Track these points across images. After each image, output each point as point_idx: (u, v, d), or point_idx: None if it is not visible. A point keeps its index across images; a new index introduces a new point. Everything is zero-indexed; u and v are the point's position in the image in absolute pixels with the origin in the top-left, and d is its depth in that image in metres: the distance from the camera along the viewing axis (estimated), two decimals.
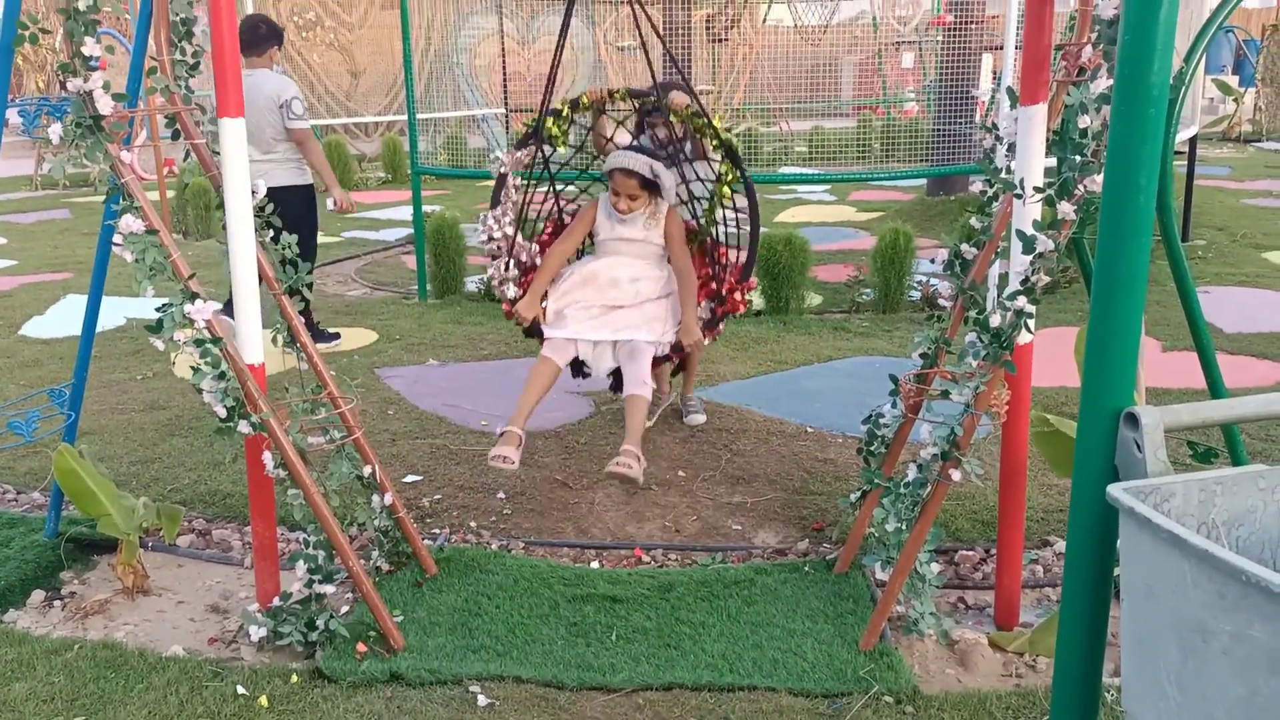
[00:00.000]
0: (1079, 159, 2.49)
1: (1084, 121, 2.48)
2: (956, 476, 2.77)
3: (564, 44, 3.71)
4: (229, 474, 4.21)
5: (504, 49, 9.89)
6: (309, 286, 3.16)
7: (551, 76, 3.80)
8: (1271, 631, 1.12)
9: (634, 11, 3.78)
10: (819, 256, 7.13)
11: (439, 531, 3.72)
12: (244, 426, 2.80)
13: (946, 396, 2.81)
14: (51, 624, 3.17)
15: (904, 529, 2.87)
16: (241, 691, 2.74)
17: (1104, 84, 2.45)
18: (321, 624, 2.91)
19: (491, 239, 3.88)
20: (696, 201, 4.17)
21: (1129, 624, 1.36)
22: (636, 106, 4.16)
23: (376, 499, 3.26)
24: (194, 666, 2.86)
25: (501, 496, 3.99)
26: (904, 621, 2.96)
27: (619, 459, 3.42)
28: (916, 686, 2.73)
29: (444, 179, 13.18)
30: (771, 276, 6.48)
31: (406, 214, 10.35)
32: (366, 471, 3.20)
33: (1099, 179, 2.47)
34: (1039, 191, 2.59)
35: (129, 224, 2.69)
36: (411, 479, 4.17)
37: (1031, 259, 2.57)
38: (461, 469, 4.24)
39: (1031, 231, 2.56)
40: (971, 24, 9.13)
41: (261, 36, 5.79)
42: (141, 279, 2.69)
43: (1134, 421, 1.41)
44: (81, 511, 3.33)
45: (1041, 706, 2.64)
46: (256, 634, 2.93)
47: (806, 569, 3.35)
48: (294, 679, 2.80)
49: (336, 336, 6.24)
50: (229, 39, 2.72)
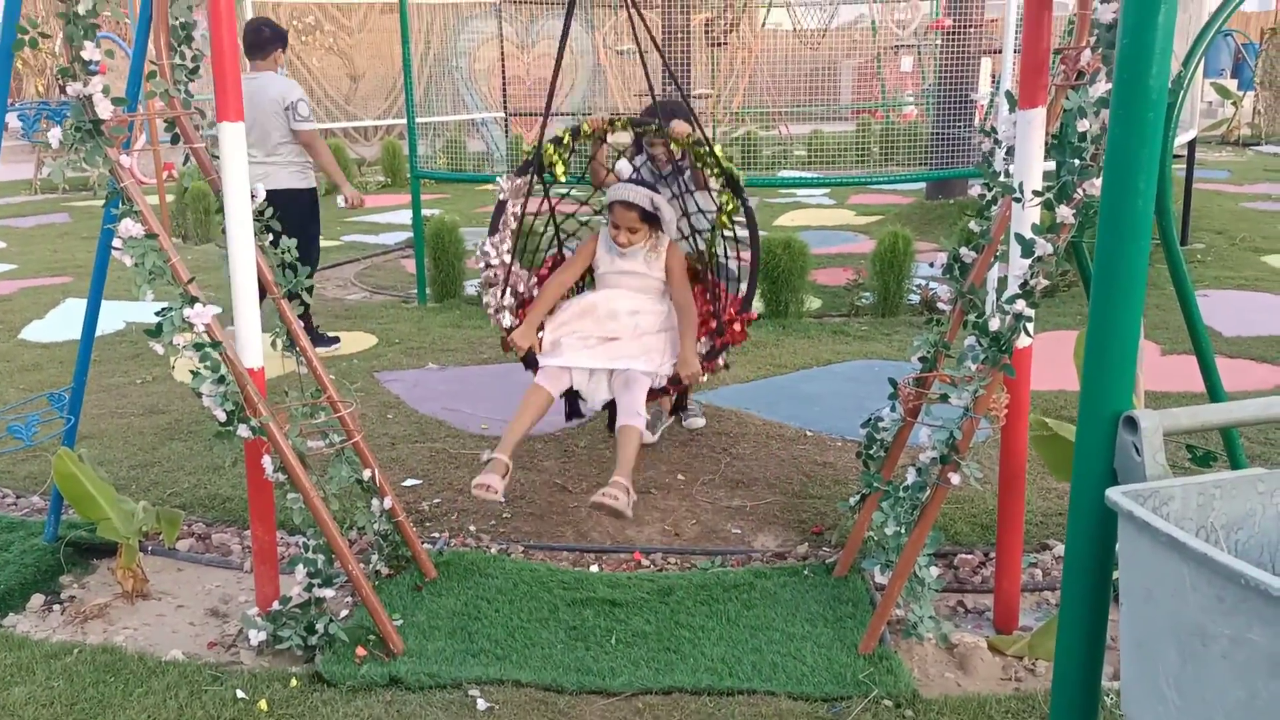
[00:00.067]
0: (1078, 163, 2.49)
1: (1083, 125, 2.48)
2: (955, 480, 2.77)
3: (564, 50, 3.69)
4: (228, 478, 4.21)
5: (503, 53, 9.90)
6: (309, 290, 3.16)
7: (553, 86, 3.79)
8: (1270, 635, 1.12)
9: (631, 18, 3.78)
10: (818, 260, 7.13)
11: (438, 535, 3.72)
12: (243, 430, 2.80)
13: (945, 400, 2.81)
14: (51, 628, 3.17)
15: (903, 532, 2.87)
16: (241, 695, 2.73)
17: (1103, 88, 2.46)
18: (321, 628, 2.91)
19: (489, 266, 3.78)
20: (698, 235, 4.06)
21: (1128, 627, 1.36)
22: (638, 134, 4.10)
23: (376, 503, 3.26)
24: (193, 671, 2.86)
25: (501, 500, 3.99)
26: (903, 625, 2.96)
27: (606, 490, 3.28)
28: (916, 690, 2.73)
29: (443, 183, 13.18)
30: (771, 280, 6.48)
31: (406, 218, 10.35)
32: (366, 475, 3.20)
33: (1098, 183, 2.47)
34: (1038, 195, 2.59)
35: (128, 228, 2.69)
36: (411, 483, 4.17)
37: (1030, 262, 2.58)
38: (461, 473, 4.24)
39: (1030, 235, 2.56)
40: (970, 28, 9.13)
41: (265, 40, 5.82)
42: (141, 283, 2.69)
43: (1133, 425, 1.41)
44: (81, 515, 3.33)
45: (1041, 710, 2.63)
46: (256, 638, 2.93)
47: (806, 572, 3.35)
48: (293, 683, 2.80)
49: (336, 340, 6.24)
50: (228, 43, 2.72)
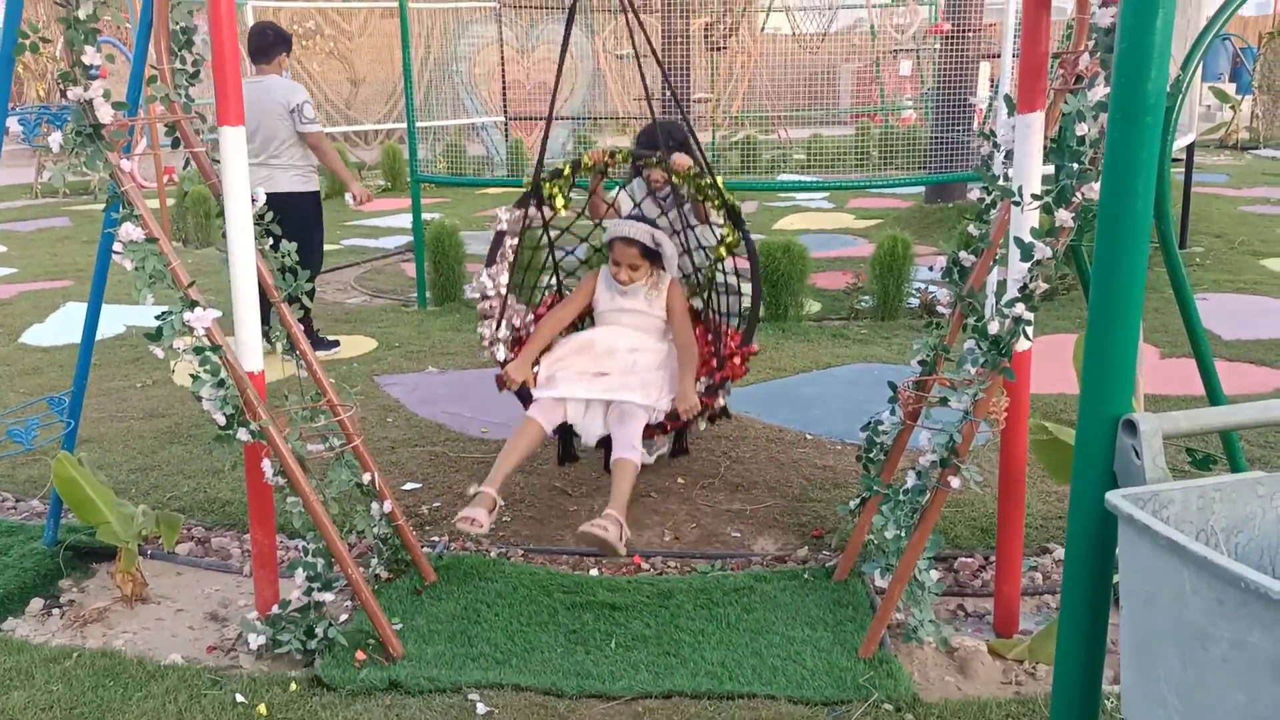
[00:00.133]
0: (1077, 166, 2.49)
1: (1081, 129, 2.48)
2: (955, 483, 2.77)
3: (565, 56, 3.69)
4: (228, 481, 4.21)
5: (503, 57, 9.92)
6: (309, 294, 3.16)
7: (555, 92, 3.79)
8: (1271, 639, 1.12)
9: (629, 24, 3.77)
10: (818, 264, 7.14)
11: (438, 539, 3.72)
12: (243, 434, 2.80)
13: (945, 403, 2.81)
14: (50, 632, 3.16)
15: (903, 536, 2.87)
16: (240, 699, 2.73)
17: (1101, 92, 2.46)
18: (320, 632, 2.90)
19: (485, 297, 3.74)
20: (698, 273, 4.00)
21: (1128, 631, 1.36)
22: (638, 166, 4.07)
23: (376, 506, 3.26)
24: (193, 675, 2.85)
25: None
26: (903, 629, 2.96)
27: (598, 520, 3.19)
28: (916, 694, 2.72)
29: (443, 187, 13.19)
30: (770, 284, 6.48)
31: (406, 221, 10.35)
32: (366, 479, 3.19)
33: (1097, 186, 2.47)
34: (1037, 199, 2.59)
35: (129, 232, 2.69)
36: (411, 486, 4.17)
37: (1030, 266, 2.58)
38: (461, 476, 4.23)
39: (1029, 239, 2.56)
40: (969, 32, 9.15)
41: (270, 43, 5.85)
42: (141, 287, 2.69)
43: (1133, 428, 1.41)
44: (80, 519, 3.33)
45: (1041, 714, 2.63)
46: (255, 642, 2.92)
47: (806, 576, 3.35)
48: (293, 687, 2.79)
49: (336, 344, 6.24)
50: (229, 47, 2.73)
